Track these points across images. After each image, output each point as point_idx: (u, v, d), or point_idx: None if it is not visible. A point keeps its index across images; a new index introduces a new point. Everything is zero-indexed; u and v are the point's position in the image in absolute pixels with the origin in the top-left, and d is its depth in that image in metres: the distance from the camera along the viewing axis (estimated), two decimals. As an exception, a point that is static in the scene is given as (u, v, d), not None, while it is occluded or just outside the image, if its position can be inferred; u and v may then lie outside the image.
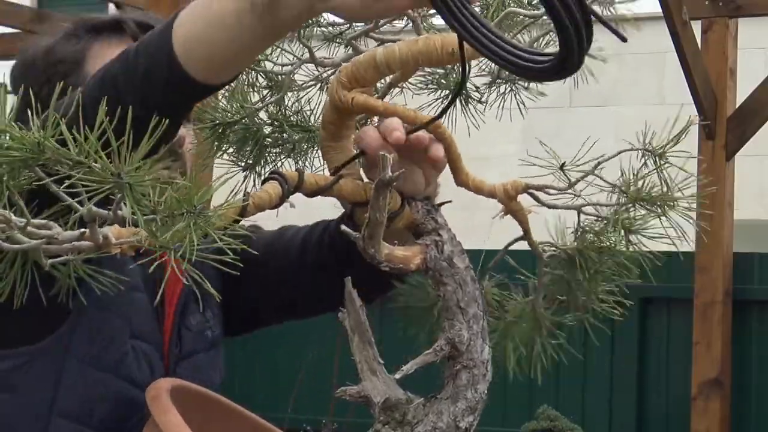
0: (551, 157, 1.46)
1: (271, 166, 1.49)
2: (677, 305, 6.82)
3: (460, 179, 1.44)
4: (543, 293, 1.52)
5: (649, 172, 1.47)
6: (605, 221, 1.48)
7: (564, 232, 1.51)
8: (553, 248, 1.51)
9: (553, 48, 1.45)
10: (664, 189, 1.47)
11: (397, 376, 1.33)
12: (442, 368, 1.37)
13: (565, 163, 1.47)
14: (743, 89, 6.47)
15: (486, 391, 1.35)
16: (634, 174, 1.48)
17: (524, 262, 1.50)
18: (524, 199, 1.48)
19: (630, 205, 1.48)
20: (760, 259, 6.84)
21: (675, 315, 6.99)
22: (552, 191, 1.46)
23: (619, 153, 1.62)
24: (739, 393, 6.78)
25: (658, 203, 1.47)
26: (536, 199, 1.47)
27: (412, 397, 1.34)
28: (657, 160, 1.47)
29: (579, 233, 1.50)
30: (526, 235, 1.50)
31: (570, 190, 1.47)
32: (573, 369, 6.27)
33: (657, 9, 5.88)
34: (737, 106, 6.44)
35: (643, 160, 1.48)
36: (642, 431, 7.14)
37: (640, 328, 6.98)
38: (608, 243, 1.48)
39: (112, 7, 8.07)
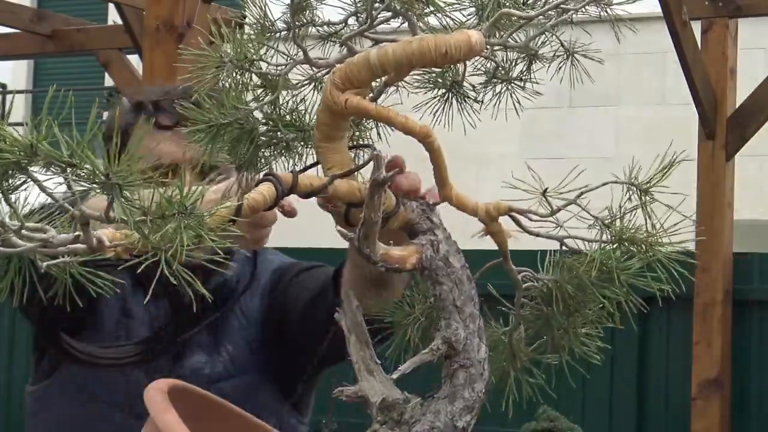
0: (536, 182, 1.39)
1: (263, 162, 1.48)
2: (677, 305, 6.81)
3: (445, 193, 1.41)
4: (521, 325, 1.46)
5: (634, 207, 1.39)
6: (584, 257, 1.40)
7: (547, 261, 1.43)
8: (532, 279, 1.44)
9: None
10: (650, 227, 1.38)
11: (394, 376, 1.33)
12: (439, 368, 1.37)
13: (547, 189, 1.39)
14: (743, 89, 6.48)
15: (483, 390, 1.35)
16: (619, 208, 1.40)
17: (506, 287, 1.43)
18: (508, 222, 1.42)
19: (614, 244, 1.39)
20: (760, 259, 6.84)
21: (675, 315, 6.98)
22: (534, 217, 1.40)
23: (604, 185, 1.54)
24: (739, 393, 6.78)
25: (642, 245, 1.39)
26: (518, 224, 1.41)
27: (409, 396, 1.34)
28: (642, 195, 1.40)
29: (559, 266, 1.43)
30: (504, 260, 1.44)
31: (553, 219, 1.39)
32: (572, 369, 6.22)
33: (657, 9, 5.89)
34: (737, 106, 6.44)
35: (628, 195, 1.40)
36: (642, 431, 7.14)
37: (640, 328, 6.98)
38: (586, 279, 1.40)
39: (111, 7, 8.07)
